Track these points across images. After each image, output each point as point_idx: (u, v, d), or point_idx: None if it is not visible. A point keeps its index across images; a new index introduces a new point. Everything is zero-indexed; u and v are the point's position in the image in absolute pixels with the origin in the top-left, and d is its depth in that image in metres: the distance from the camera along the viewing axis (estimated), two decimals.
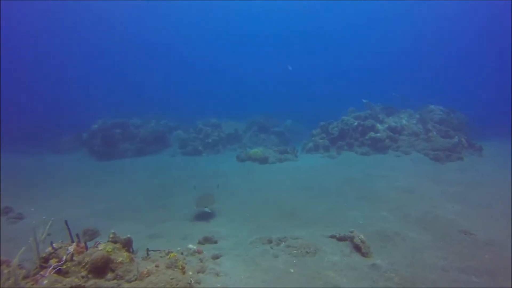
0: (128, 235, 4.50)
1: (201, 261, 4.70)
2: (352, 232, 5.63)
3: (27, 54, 38.24)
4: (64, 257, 3.52)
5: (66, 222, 4.14)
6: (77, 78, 39.96)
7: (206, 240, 5.97)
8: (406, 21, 40.58)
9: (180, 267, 3.82)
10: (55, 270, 3.31)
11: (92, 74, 41.03)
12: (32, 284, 3.16)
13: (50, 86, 36.98)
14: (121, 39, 42.24)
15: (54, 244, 3.86)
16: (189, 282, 3.62)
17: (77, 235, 4.16)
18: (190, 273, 4.12)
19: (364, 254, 5.09)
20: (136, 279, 3.44)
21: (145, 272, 3.48)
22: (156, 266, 3.66)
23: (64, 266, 3.42)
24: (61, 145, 17.04)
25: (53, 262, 3.45)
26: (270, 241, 5.68)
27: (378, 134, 13.64)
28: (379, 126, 14.12)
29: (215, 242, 5.95)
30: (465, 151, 12.21)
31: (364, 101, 15.33)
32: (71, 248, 3.70)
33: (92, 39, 40.72)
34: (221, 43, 45.84)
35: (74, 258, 3.53)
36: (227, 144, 16.66)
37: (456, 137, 12.34)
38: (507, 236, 5.62)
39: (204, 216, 7.44)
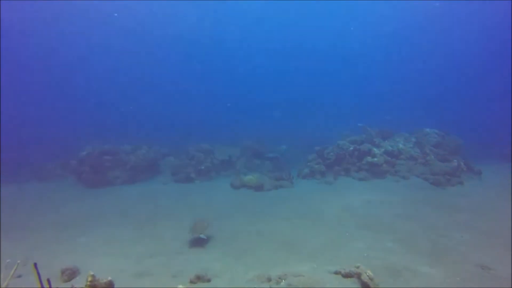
0: (109, 278, 3.96)
1: None
2: (358, 267, 5.14)
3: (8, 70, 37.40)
4: None
5: (35, 265, 3.59)
6: (64, 100, 39.22)
7: (199, 279, 5.39)
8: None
9: None
10: None
11: (80, 99, 40.47)
12: None
13: (34, 108, 36.26)
14: (112, 64, 42.21)
15: None
16: None
17: (48, 281, 3.60)
18: None
19: None
20: None
21: None
22: None
23: None
24: (46, 172, 16.31)
25: None
26: (269, 279, 5.14)
27: (375, 159, 13.37)
28: (375, 150, 13.89)
29: (208, 280, 5.38)
30: (465, 175, 11.96)
31: (359, 125, 15.20)
32: None
33: (82, 61, 40.39)
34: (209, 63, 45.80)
35: None
36: (221, 171, 16.16)
37: (455, 160, 12.13)
38: None
39: (197, 246, 6.86)
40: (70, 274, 5.78)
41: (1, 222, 9.37)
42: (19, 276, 5.87)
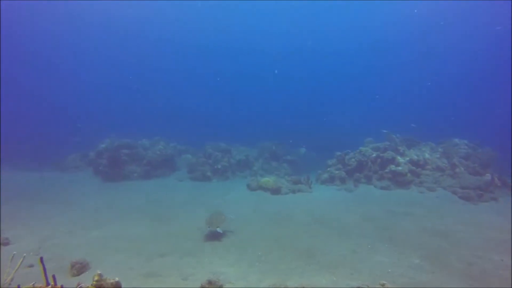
0: (116, 279, 3.70)
1: None
2: (383, 285, 4.68)
3: (32, 64, 38.45)
4: None
5: (41, 259, 3.38)
6: (87, 93, 40.21)
7: (210, 284, 5.08)
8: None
9: None
10: None
11: (103, 91, 41.35)
12: None
13: (58, 100, 37.30)
14: (138, 59, 42.87)
15: None
16: None
17: (53, 277, 3.38)
18: None
19: None
20: None
21: None
22: None
23: None
24: (66, 163, 16.56)
25: None
26: None
27: (399, 168, 12.71)
28: (399, 159, 13.22)
29: (221, 287, 5.06)
30: (499, 191, 11.12)
31: (384, 131, 14.55)
32: None
33: (106, 52, 41.21)
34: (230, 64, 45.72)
35: None
36: (237, 171, 15.90)
37: (488, 174, 11.31)
38: None
39: (213, 240, 6.57)
40: (80, 268, 5.61)
41: (18, 209, 9.46)
42: (31, 266, 5.76)
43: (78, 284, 3.64)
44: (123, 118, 32.22)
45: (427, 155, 13.36)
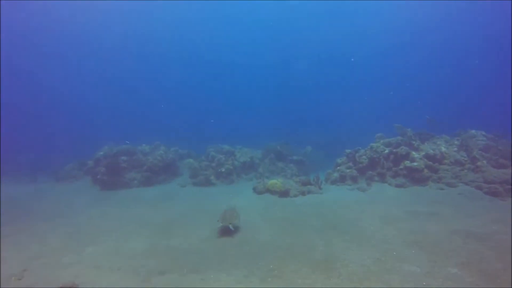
0: None
1: None
2: None
3: (29, 72, 38.02)
4: None
5: None
6: (83, 101, 39.69)
7: None
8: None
9: None
10: None
11: (100, 98, 40.85)
12: None
13: (53, 109, 36.83)
14: (132, 62, 42.36)
15: None
16: None
17: None
18: None
19: None
20: None
21: None
22: None
23: None
24: (64, 173, 15.91)
25: None
26: None
27: (415, 163, 11.88)
28: (414, 154, 12.38)
29: None
30: None
31: (395, 125, 13.72)
32: None
33: (103, 57, 40.75)
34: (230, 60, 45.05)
35: None
36: (242, 174, 15.14)
37: None
38: None
39: (217, 260, 5.81)
40: None
41: (5, 225, 8.76)
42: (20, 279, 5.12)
43: None
44: (123, 123, 31.62)
45: (443, 149, 12.51)
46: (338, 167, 13.55)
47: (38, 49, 36.09)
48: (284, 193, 11.28)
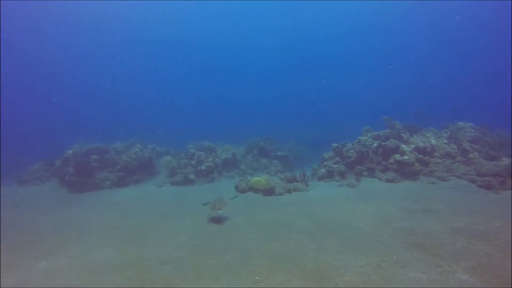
0: None
1: None
2: None
3: None
4: None
5: None
6: (52, 94, 37.38)
7: None
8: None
9: None
10: None
11: (71, 91, 38.75)
12: None
13: (22, 106, 34.60)
14: (109, 55, 40.51)
15: None
16: None
17: None
18: None
19: None
20: None
21: None
22: None
23: None
24: (28, 174, 14.52)
25: None
26: None
27: (405, 157, 11.38)
28: (404, 147, 11.90)
29: None
30: None
31: (384, 117, 13.20)
32: None
33: (75, 51, 38.70)
34: (212, 55, 43.96)
35: None
36: (224, 171, 14.27)
37: (505, 158, 10.10)
38: None
39: (194, 271, 4.95)
40: None
41: None
42: None
43: None
44: (97, 120, 29.94)
45: (433, 141, 12.10)
46: (325, 162, 12.92)
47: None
48: (268, 191, 10.51)
